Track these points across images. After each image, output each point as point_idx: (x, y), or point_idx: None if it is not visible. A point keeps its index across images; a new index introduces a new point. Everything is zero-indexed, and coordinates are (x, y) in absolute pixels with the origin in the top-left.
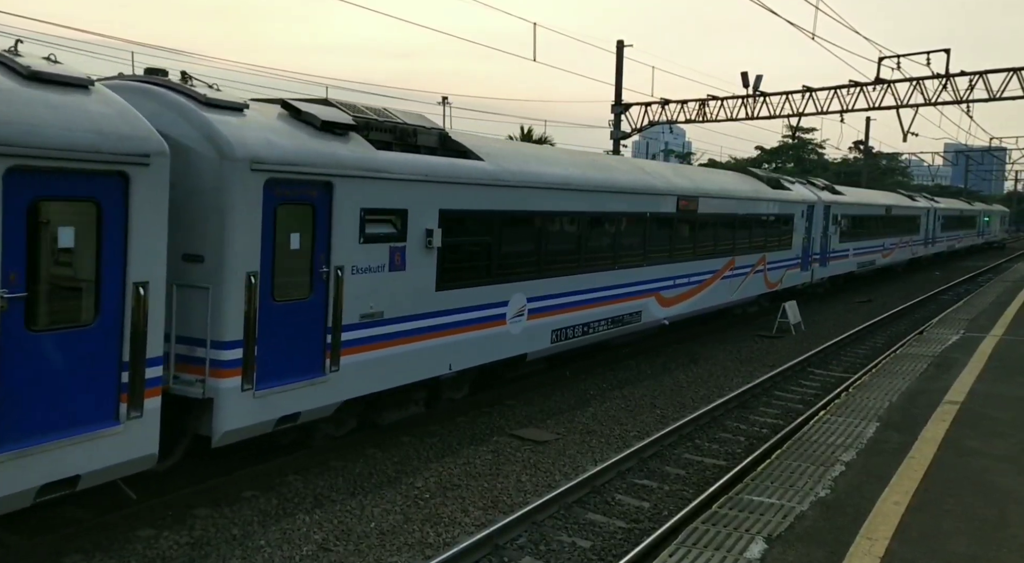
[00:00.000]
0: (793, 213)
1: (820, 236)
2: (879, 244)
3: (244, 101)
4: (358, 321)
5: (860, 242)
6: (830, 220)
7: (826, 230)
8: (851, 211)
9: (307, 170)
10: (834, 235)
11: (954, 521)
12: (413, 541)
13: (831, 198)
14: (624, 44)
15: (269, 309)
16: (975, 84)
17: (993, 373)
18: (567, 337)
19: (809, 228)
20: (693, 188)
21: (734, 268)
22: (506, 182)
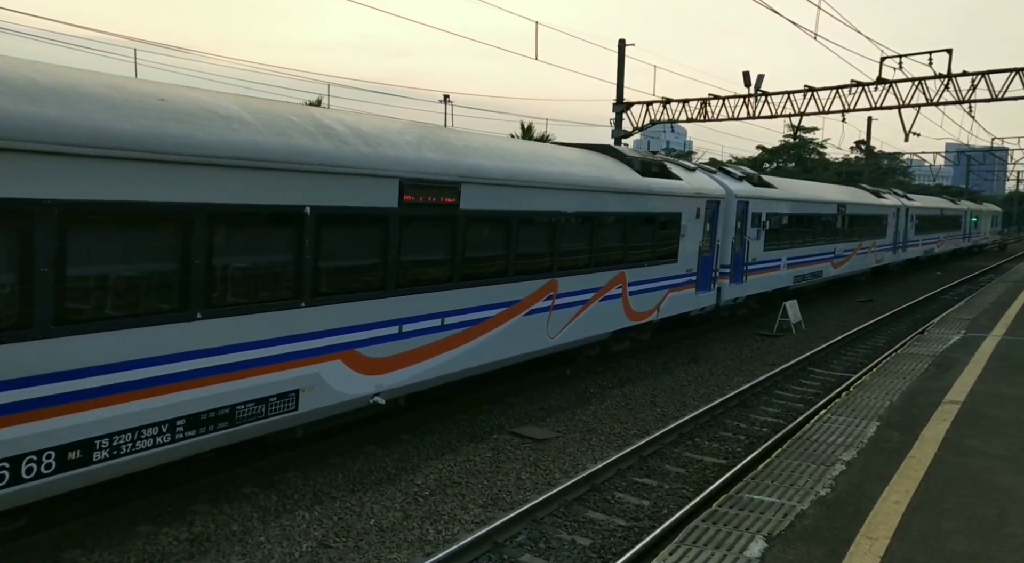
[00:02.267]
0: (681, 211)
1: (733, 242)
2: (827, 251)
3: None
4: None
5: (797, 249)
6: (749, 220)
7: (742, 234)
8: (782, 209)
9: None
10: (756, 240)
11: (954, 520)
12: (413, 538)
13: (750, 191)
14: (626, 43)
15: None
16: (977, 84)
17: (994, 373)
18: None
19: (712, 231)
20: (442, 165)
21: (556, 296)
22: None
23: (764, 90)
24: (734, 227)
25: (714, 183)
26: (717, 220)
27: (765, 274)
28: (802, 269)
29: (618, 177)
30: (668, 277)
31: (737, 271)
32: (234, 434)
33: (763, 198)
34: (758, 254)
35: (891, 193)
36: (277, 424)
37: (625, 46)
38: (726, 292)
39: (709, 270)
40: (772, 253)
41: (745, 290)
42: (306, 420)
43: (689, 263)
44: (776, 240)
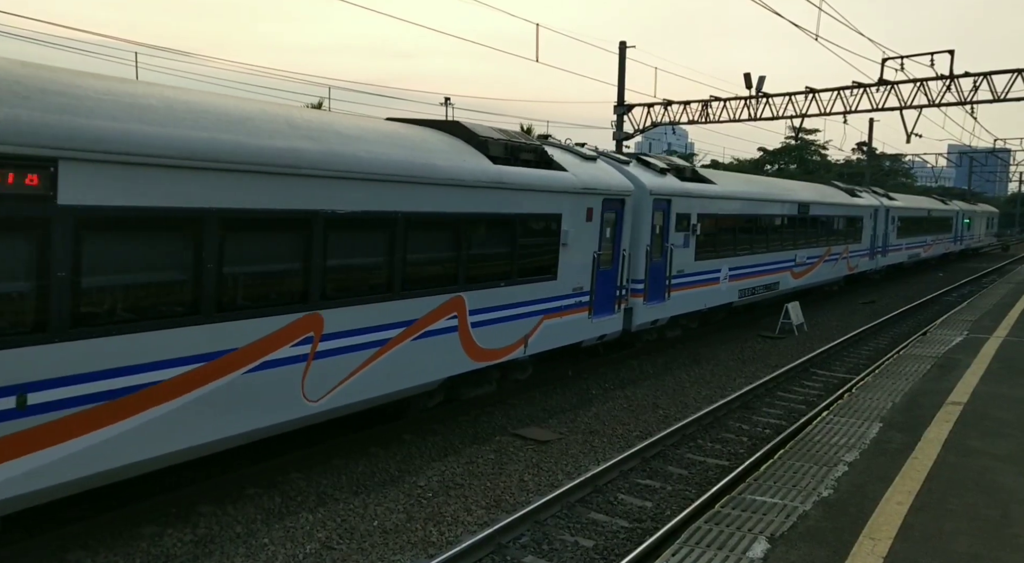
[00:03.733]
0: (561, 212)
1: (649, 251)
2: (784, 259)
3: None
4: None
5: (744, 257)
6: (673, 224)
7: (663, 240)
8: (722, 209)
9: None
10: (684, 248)
11: (957, 521)
12: (416, 540)
13: (673, 187)
14: (627, 45)
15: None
16: (979, 85)
17: (996, 374)
18: None
19: (616, 238)
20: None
21: (320, 338)
22: None
23: (765, 92)
24: (650, 232)
25: (618, 176)
26: (623, 224)
27: (697, 289)
28: (751, 281)
29: (446, 162)
30: (542, 299)
31: (656, 287)
32: None
33: (693, 196)
34: (687, 265)
35: (868, 191)
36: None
37: (626, 48)
38: (640, 314)
39: (611, 287)
40: (707, 263)
41: (668, 310)
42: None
43: (577, 279)
44: (713, 247)
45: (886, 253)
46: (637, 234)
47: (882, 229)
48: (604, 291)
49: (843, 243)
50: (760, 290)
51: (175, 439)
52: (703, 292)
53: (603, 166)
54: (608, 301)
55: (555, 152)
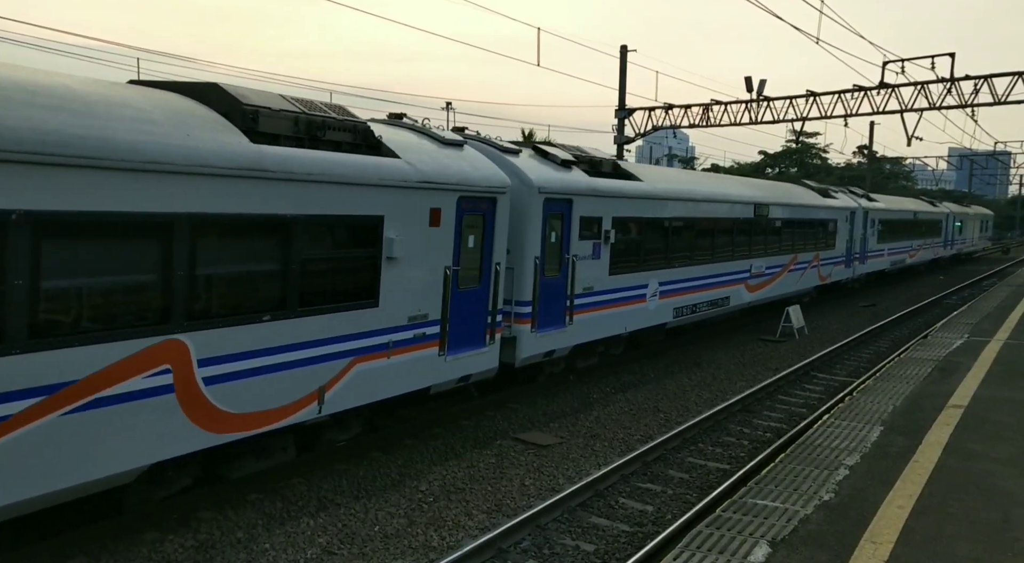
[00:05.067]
0: (384, 214)
1: (541, 264)
2: (736, 270)
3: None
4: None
5: (680, 269)
6: (576, 230)
7: (563, 251)
8: (645, 211)
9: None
10: (593, 260)
11: (958, 525)
12: (417, 544)
13: (576, 184)
14: (628, 49)
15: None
16: (980, 88)
17: (997, 377)
18: None
19: (486, 249)
20: None
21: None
22: None
23: (766, 95)
24: (541, 240)
25: (487, 168)
26: (493, 229)
27: (613, 309)
28: (690, 297)
29: (148, 136)
30: (351, 335)
31: (552, 309)
32: None
33: (604, 195)
34: (598, 281)
35: (845, 192)
36: None
37: (627, 52)
38: (527, 344)
39: (479, 313)
40: (627, 278)
41: (571, 337)
42: None
43: (415, 305)
44: (636, 258)
45: (865, 260)
46: (520, 243)
47: (860, 233)
48: (466, 319)
49: (812, 250)
50: (704, 307)
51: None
52: (622, 313)
53: (470, 154)
54: (474, 331)
55: (395, 133)
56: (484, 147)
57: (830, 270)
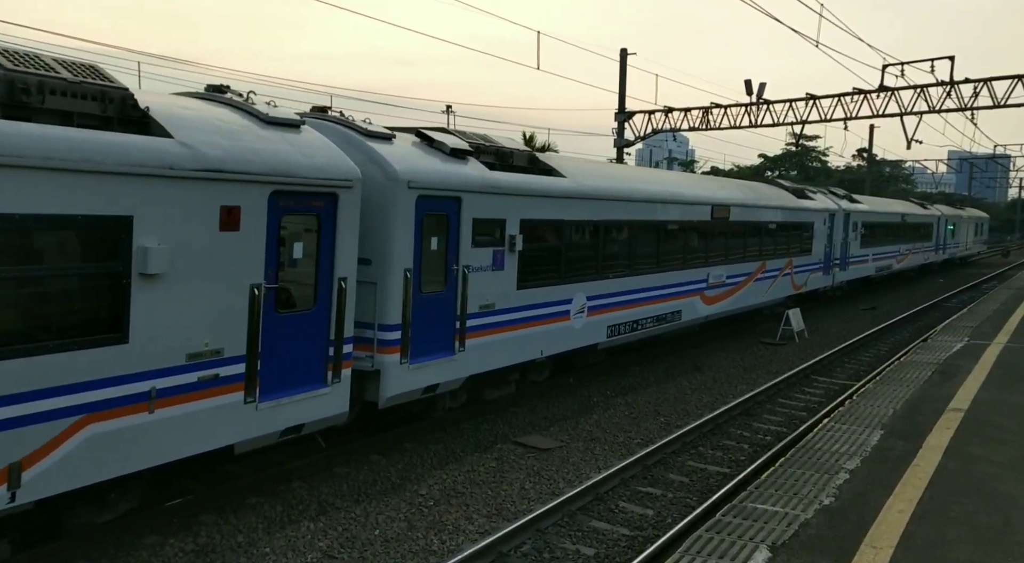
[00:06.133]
0: (133, 214)
1: (386, 282)
2: (691, 280)
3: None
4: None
5: (617, 280)
6: (468, 236)
7: (450, 262)
8: (565, 213)
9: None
10: (493, 271)
11: (958, 529)
12: (417, 548)
13: (461, 178)
14: (628, 52)
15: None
16: (979, 91)
17: (997, 380)
18: None
19: (324, 264)
20: None
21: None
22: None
23: (766, 98)
24: (414, 247)
25: (324, 153)
26: (334, 233)
27: (522, 330)
28: (629, 312)
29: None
30: (77, 387)
31: (433, 334)
32: None
33: (507, 192)
34: (502, 296)
35: (824, 192)
36: None
37: (627, 55)
38: (395, 379)
39: (316, 344)
40: (542, 292)
41: (462, 367)
42: None
43: (199, 338)
44: (555, 268)
45: (846, 266)
46: (384, 251)
47: (841, 237)
48: (291, 351)
49: (785, 256)
50: (648, 323)
51: None
52: (536, 334)
53: (305, 138)
54: (305, 367)
55: (197, 109)
56: (340, 130)
57: (805, 278)
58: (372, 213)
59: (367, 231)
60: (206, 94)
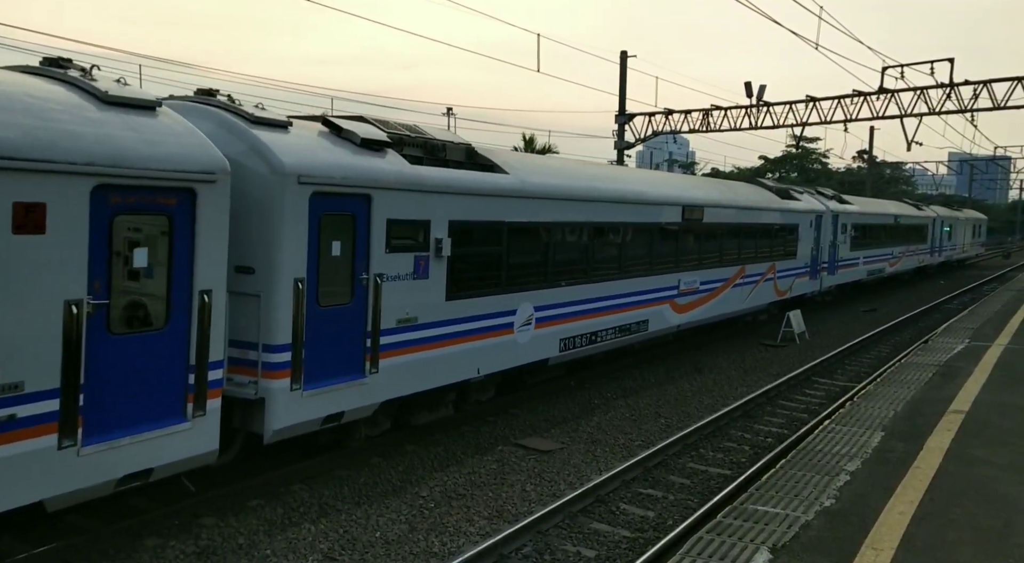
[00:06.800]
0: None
1: (272, 292)
2: (659, 287)
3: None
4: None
5: (567, 288)
6: (382, 239)
7: (358, 272)
8: (480, 214)
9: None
10: (408, 281)
11: (959, 531)
12: (418, 550)
13: (337, 165)
14: (628, 55)
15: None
16: (979, 93)
17: (998, 382)
18: None
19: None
20: None
21: None
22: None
23: (766, 100)
24: (308, 254)
25: (179, 139)
26: (192, 238)
27: (455, 346)
28: (586, 324)
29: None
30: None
31: (337, 353)
32: None
33: (435, 190)
34: (426, 309)
35: (810, 193)
36: None
37: (627, 58)
38: (285, 408)
39: (170, 371)
40: (479, 303)
41: (375, 392)
42: None
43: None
44: (493, 277)
45: (835, 270)
46: (267, 258)
47: (829, 240)
48: (132, 381)
49: (767, 259)
50: (608, 335)
51: None
52: (472, 350)
53: (158, 123)
54: (153, 400)
55: (18, 85)
56: (220, 115)
57: (790, 283)
58: (255, 213)
59: (249, 234)
60: (39, 69)
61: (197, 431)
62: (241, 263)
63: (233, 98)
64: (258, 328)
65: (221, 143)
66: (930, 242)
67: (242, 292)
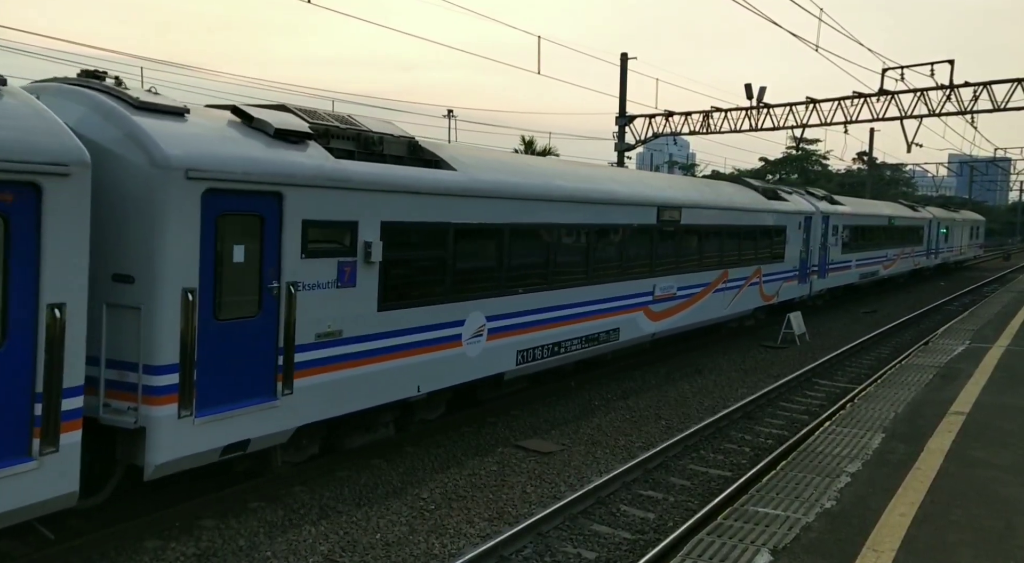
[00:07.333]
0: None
1: (156, 304)
2: (616, 296)
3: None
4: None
5: (497, 300)
6: (287, 243)
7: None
8: (411, 214)
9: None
10: (332, 290)
11: (960, 533)
12: (419, 552)
13: (243, 159)
14: (628, 57)
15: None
16: (979, 95)
17: (999, 384)
18: None
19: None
20: None
21: None
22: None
23: (766, 102)
24: (201, 260)
25: (12, 124)
26: (36, 242)
27: (389, 362)
28: (547, 333)
29: None
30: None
31: (240, 374)
32: None
33: (362, 187)
34: (356, 320)
35: (800, 193)
36: None
37: (627, 60)
38: (170, 439)
39: (10, 404)
40: (418, 313)
41: (289, 417)
42: None
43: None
44: (435, 283)
45: (826, 273)
46: (147, 264)
47: (819, 242)
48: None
49: (752, 263)
50: (573, 346)
51: None
52: (407, 366)
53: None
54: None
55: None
56: (96, 99)
57: (777, 287)
58: (133, 212)
59: (128, 238)
60: None
61: (48, 471)
62: (120, 271)
63: (121, 81)
64: (138, 346)
65: (93, 130)
66: (926, 244)
67: (121, 304)
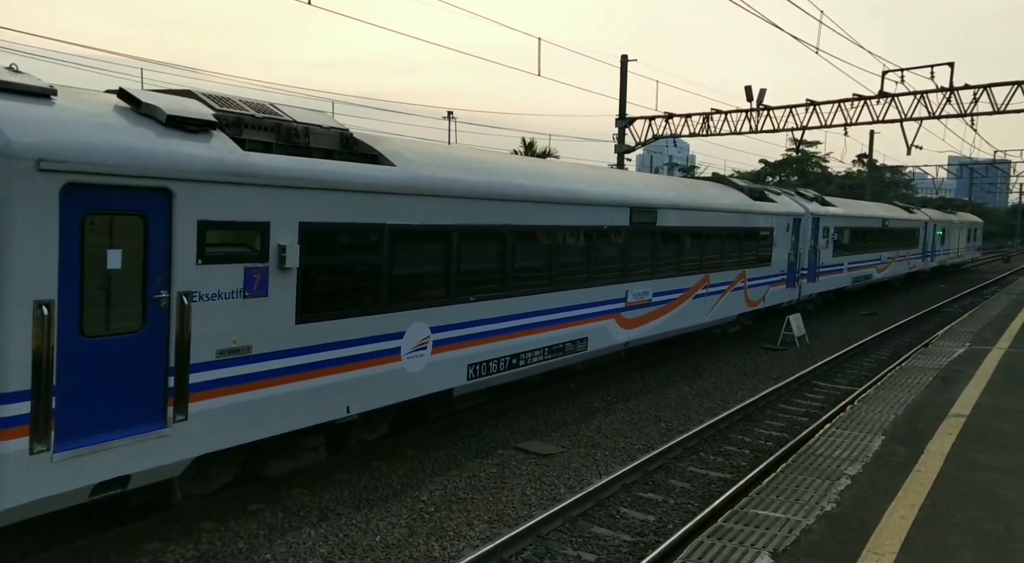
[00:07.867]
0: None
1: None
2: (584, 303)
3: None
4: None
5: (444, 309)
6: (181, 244)
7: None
8: (336, 213)
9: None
10: (238, 301)
11: (961, 535)
12: (418, 555)
13: (113, 146)
14: (628, 59)
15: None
16: (979, 97)
17: (999, 386)
18: None
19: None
20: None
21: None
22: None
23: (766, 104)
24: (60, 267)
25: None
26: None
27: (311, 380)
28: (503, 344)
29: None
30: None
31: (116, 399)
32: None
33: (275, 183)
34: (269, 334)
35: (788, 194)
36: None
37: (627, 61)
38: (19, 479)
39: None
40: (347, 325)
41: (184, 446)
42: None
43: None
44: (369, 291)
45: (816, 277)
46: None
47: (809, 245)
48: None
49: (736, 267)
50: (534, 357)
51: None
52: (333, 385)
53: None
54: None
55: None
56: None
57: (764, 292)
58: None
59: None
60: None
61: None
62: None
63: (14, 66)
64: None
65: None
66: (921, 247)
67: None
